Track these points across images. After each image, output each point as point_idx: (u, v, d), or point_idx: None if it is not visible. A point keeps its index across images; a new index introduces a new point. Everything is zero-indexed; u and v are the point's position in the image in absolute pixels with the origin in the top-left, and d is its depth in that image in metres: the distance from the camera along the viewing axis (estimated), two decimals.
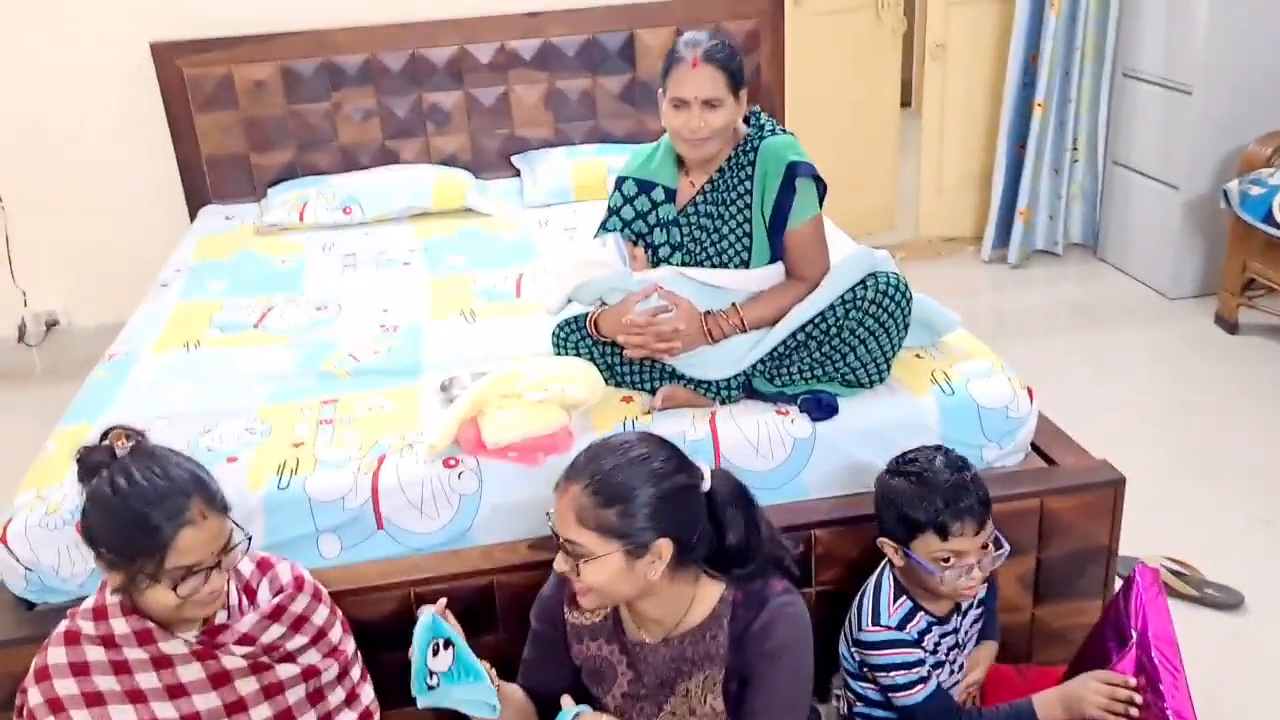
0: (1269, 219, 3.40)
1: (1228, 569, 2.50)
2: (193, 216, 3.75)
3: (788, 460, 2.09)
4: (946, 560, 1.76)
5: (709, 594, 1.54)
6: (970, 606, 1.92)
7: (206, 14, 3.65)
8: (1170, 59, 3.94)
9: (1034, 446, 2.22)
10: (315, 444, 2.07)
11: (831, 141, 4.57)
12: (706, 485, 1.52)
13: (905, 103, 4.88)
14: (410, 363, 2.43)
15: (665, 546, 1.45)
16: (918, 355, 2.27)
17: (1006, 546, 1.81)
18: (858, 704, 1.96)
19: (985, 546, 1.79)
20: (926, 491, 1.77)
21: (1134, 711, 1.73)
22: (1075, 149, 4.35)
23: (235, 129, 3.72)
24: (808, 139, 4.30)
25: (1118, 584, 2.02)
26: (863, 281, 2.09)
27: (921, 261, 4.58)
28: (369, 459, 2.01)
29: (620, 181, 2.27)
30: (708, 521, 1.51)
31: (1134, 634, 1.79)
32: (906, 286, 2.11)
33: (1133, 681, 1.75)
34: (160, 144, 3.72)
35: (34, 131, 3.71)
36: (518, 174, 3.83)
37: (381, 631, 1.86)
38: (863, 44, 4.56)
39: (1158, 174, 4.08)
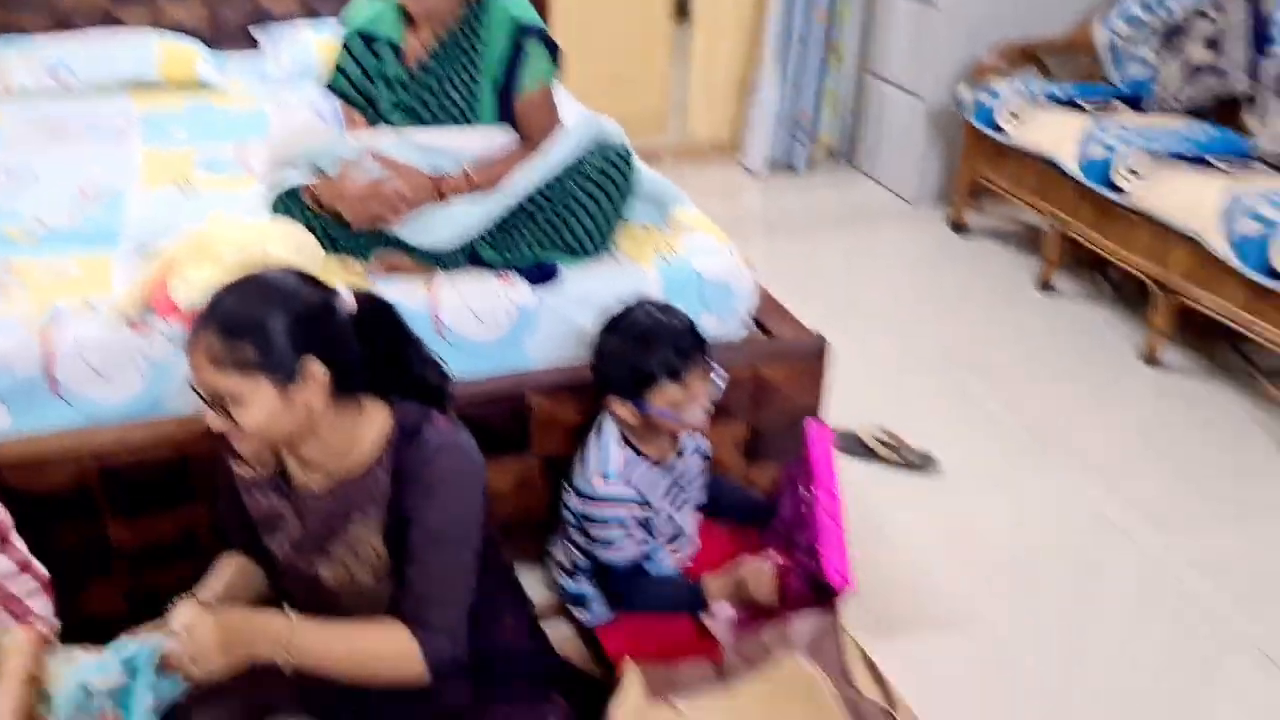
0: (995, 125, 3.61)
1: (930, 438, 2.68)
2: None
3: (510, 328, 2.06)
4: (681, 401, 1.81)
5: (373, 431, 1.48)
6: (691, 447, 1.98)
7: None
8: None
9: (755, 321, 2.28)
10: None
11: (604, 45, 4.53)
12: (348, 304, 1.46)
13: (683, 12, 4.92)
14: (107, 228, 2.23)
15: (316, 368, 1.37)
16: (645, 229, 2.27)
17: (723, 374, 1.88)
18: (577, 556, 1.98)
19: (708, 378, 1.86)
20: (653, 343, 1.80)
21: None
22: (838, 58, 4.46)
23: None
24: (579, 41, 4.28)
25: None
26: (589, 149, 2.07)
27: (689, 165, 4.63)
28: (42, 320, 1.83)
29: (347, 39, 2.15)
30: (359, 345, 1.46)
31: (801, 488, 1.89)
32: (630, 155, 2.10)
33: (776, 560, 1.86)
34: None
35: None
36: (256, 45, 3.57)
37: (59, 505, 1.74)
38: None
39: (907, 84, 4.25)
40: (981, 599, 2.22)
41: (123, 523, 1.83)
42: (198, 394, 1.37)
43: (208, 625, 1.33)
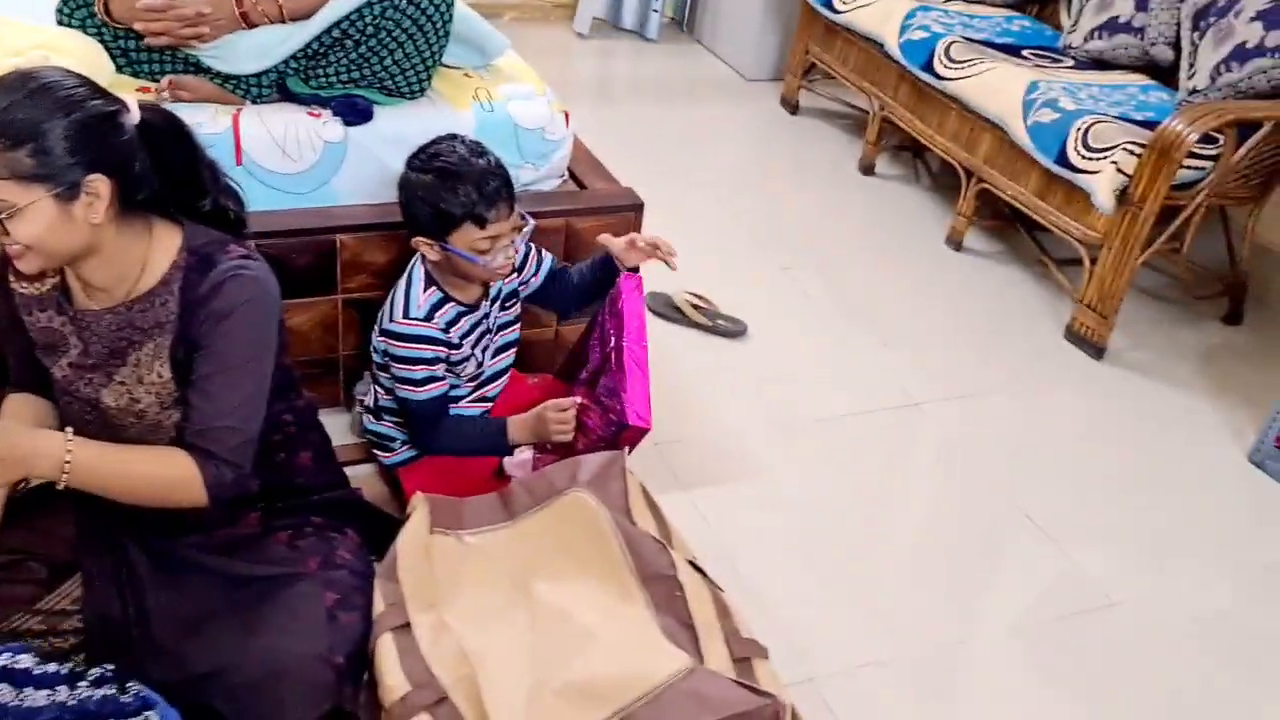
0: (829, 2, 3.65)
1: (744, 307, 2.78)
2: None
3: (317, 164, 2.01)
4: (486, 248, 1.80)
5: (162, 254, 1.44)
6: (500, 292, 1.98)
7: None
8: None
9: (571, 174, 2.29)
10: None
11: None
12: (135, 117, 1.39)
13: None
14: None
15: (101, 183, 1.31)
16: (465, 74, 2.23)
17: (532, 221, 1.89)
18: (383, 397, 1.99)
19: (517, 226, 1.85)
20: (457, 183, 1.78)
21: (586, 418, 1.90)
22: None
23: None
24: None
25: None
26: None
27: (529, 25, 4.52)
28: None
29: None
30: (147, 158, 1.40)
31: (611, 335, 1.94)
32: None
33: (577, 400, 1.90)
34: None
35: None
36: None
37: None
38: None
39: None
40: (780, 460, 2.33)
41: None
42: None
43: None
